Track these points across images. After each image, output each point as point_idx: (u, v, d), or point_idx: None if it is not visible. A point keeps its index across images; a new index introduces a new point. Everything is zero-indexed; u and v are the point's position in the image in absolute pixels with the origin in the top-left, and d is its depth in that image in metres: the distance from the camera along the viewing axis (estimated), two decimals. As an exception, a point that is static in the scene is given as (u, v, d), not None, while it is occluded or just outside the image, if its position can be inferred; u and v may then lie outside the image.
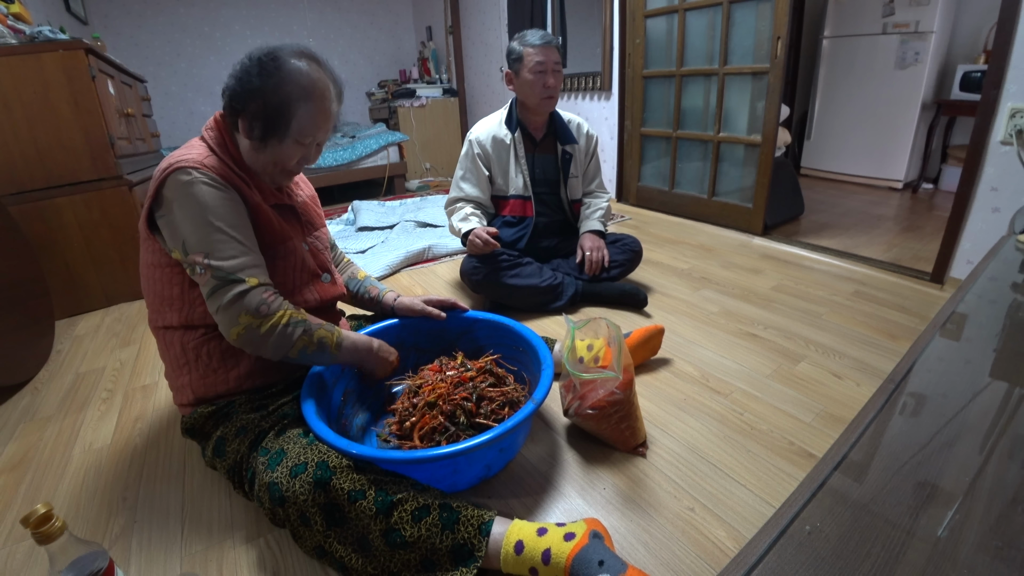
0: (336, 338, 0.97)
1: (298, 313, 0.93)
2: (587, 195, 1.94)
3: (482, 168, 1.78)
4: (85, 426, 1.27)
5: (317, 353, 0.95)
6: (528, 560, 0.76)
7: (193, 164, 0.88)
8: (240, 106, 0.91)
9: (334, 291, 1.13)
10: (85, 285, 1.93)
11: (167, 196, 0.88)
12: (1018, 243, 1.03)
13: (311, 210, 1.15)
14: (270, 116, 0.91)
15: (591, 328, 1.10)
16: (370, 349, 1.04)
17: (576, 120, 1.88)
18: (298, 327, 0.91)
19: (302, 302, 1.04)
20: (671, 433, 1.13)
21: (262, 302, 0.88)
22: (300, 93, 0.91)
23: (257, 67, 0.90)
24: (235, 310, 0.87)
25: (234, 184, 0.92)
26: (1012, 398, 0.59)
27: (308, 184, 1.21)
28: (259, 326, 0.88)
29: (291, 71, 0.90)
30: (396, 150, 3.85)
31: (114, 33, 4.23)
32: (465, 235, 1.66)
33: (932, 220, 2.69)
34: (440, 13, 4.85)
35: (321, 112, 0.94)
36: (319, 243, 1.13)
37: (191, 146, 0.94)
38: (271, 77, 0.89)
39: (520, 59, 1.68)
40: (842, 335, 1.52)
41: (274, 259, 0.99)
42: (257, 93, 0.89)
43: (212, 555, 0.89)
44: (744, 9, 2.35)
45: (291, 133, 0.93)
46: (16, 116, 1.71)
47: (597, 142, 1.93)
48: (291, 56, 0.91)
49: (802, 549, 0.40)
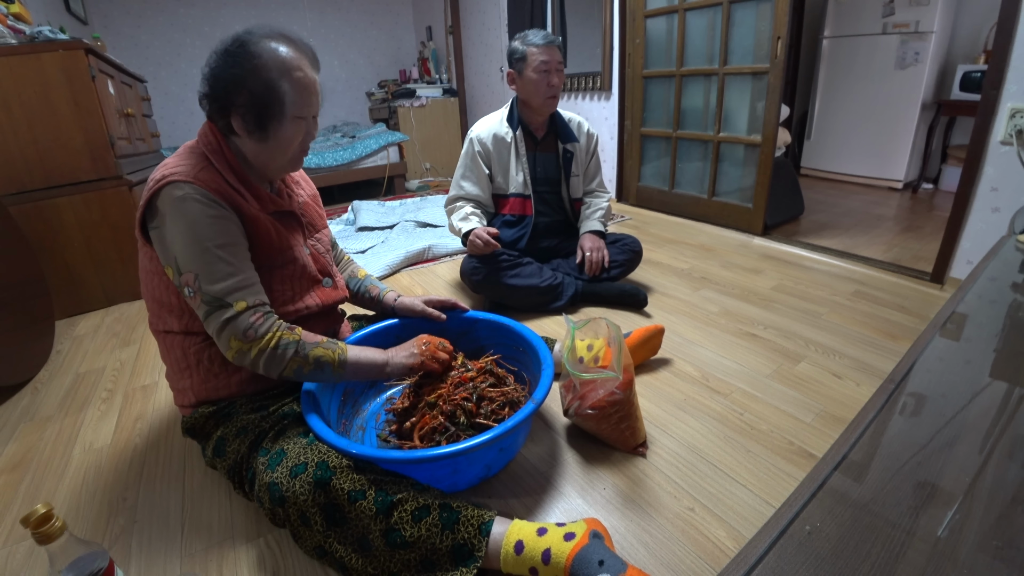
0: (338, 357, 0.93)
1: (291, 333, 0.90)
2: (587, 194, 1.93)
3: (482, 166, 1.78)
4: (85, 426, 1.27)
5: (316, 372, 0.92)
6: (528, 560, 0.76)
7: (186, 178, 0.86)
8: (227, 104, 0.88)
9: (335, 295, 1.12)
10: (85, 285, 1.93)
11: (160, 209, 0.86)
12: (1018, 243, 1.03)
13: (312, 211, 1.13)
14: (261, 102, 0.88)
15: (591, 328, 1.10)
16: (382, 369, 0.98)
17: (576, 119, 1.88)
18: (288, 348, 0.89)
19: (304, 308, 1.03)
20: (671, 433, 1.13)
21: (249, 326, 0.86)
22: (279, 69, 0.87)
23: (229, 59, 0.87)
24: (225, 335, 0.87)
25: (229, 198, 0.89)
26: (1012, 398, 0.59)
27: (309, 183, 1.19)
28: (249, 350, 0.87)
29: (262, 51, 0.87)
30: (396, 150, 3.85)
31: (114, 33, 4.23)
32: (465, 235, 1.66)
33: (932, 220, 2.69)
34: (440, 13, 4.85)
35: (305, 81, 0.91)
36: (320, 246, 1.12)
37: (185, 156, 0.91)
38: (245, 64, 0.86)
39: (524, 59, 1.68)
40: (842, 335, 1.52)
41: (273, 269, 0.97)
42: (239, 84, 0.86)
43: (212, 555, 0.89)
44: (744, 9, 2.34)
45: (287, 111, 0.90)
46: (16, 116, 1.71)
47: (597, 141, 1.93)
48: (256, 38, 0.88)
49: (802, 549, 0.40)
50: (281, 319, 0.93)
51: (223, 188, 0.89)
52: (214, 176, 0.89)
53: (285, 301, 0.99)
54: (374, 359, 0.98)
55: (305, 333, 0.93)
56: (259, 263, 0.94)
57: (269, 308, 0.91)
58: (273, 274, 0.98)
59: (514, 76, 1.73)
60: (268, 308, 0.91)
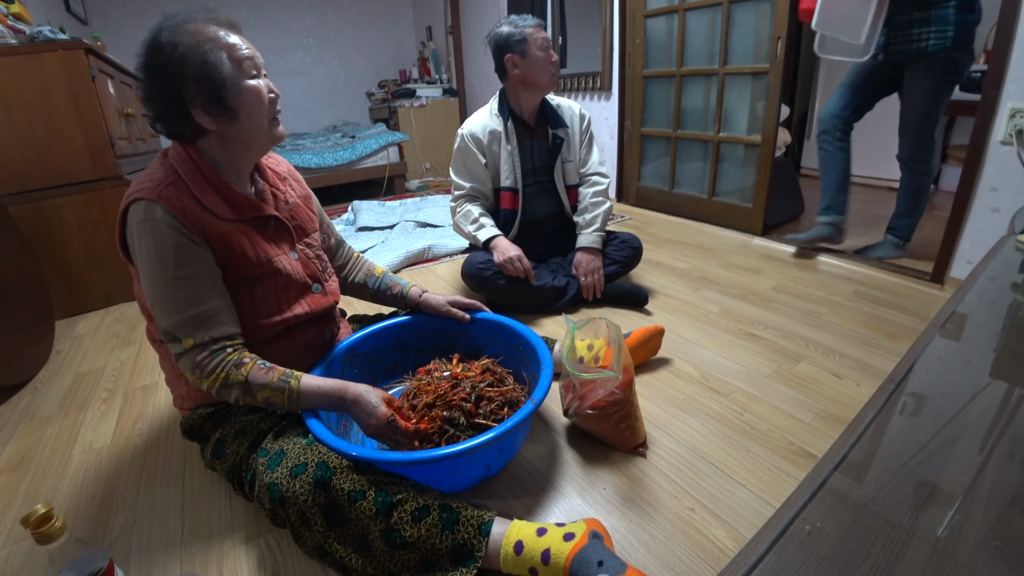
0: (289, 395, 0.87)
1: (237, 372, 0.85)
2: (585, 178, 1.88)
3: (478, 157, 1.76)
4: (85, 426, 1.27)
5: (268, 406, 0.89)
6: (528, 560, 0.76)
7: (150, 196, 0.83)
8: (179, 105, 0.84)
9: (326, 301, 1.07)
10: (85, 285, 1.93)
11: (130, 226, 0.85)
12: (1018, 243, 1.03)
13: (302, 213, 1.08)
14: (207, 83, 0.83)
15: (591, 328, 1.10)
16: (342, 399, 0.90)
17: (565, 103, 1.86)
18: (234, 389, 0.86)
19: (292, 318, 0.99)
20: (671, 433, 1.13)
21: (195, 365, 0.85)
22: (200, 44, 0.82)
23: (152, 59, 0.82)
24: (181, 365, 0.88)
25: (194, 217, 0.85)
26: (1012, 398, 0.59)
27: (302, 183, 1.14)
28: (200, 383, 0.87)
29: (179, 39, 0.82)
30: (396, 150, 3.85)
31: (114, 33, 4.23)
32: (486, 242, 1.67)
33: (932, 220, 2.69)
34: (440, 13, 4.85)
35: (228, 40, 0.85)
36: (310, 251, 1.06)
37: (155, 167, 0.88)
38: (169, 56, 0.81)
39: (525, 40, 1.66)
40: (842, 335, 1.52)
41: (253, 283, 0.93)
42: (177, 78, 0.82)
43: (212, 555, 0.89)
44: (744, 9, 2.34)
45: (235, 76, 0.85)
46: (16, 116, 1.71)
47: (590, 122, 1.90)
48: (161, 29, 0.83)
49: (802, 549, 0.40)
50: (239, 348, 0.89)
51: (188, 206, 0.85)
52: (180, 192, 0.86)
53: (270, 312, 0.96)
54: (334, 392, 0.90)
55: (255, 370, 0.87)
56: (235, 278, 0.91)
57: (219, 344, 0.87)
58: (254, 287, 0.94)
59: (515, 60, 1.67)
60: (218, 344, 0.87)
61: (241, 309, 0.93)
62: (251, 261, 0.92)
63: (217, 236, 0.88)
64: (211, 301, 0.87)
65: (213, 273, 0.88)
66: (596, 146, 1.92)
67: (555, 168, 1.82)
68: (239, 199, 0.92)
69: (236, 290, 0.92)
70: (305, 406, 0.90)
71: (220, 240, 0.88)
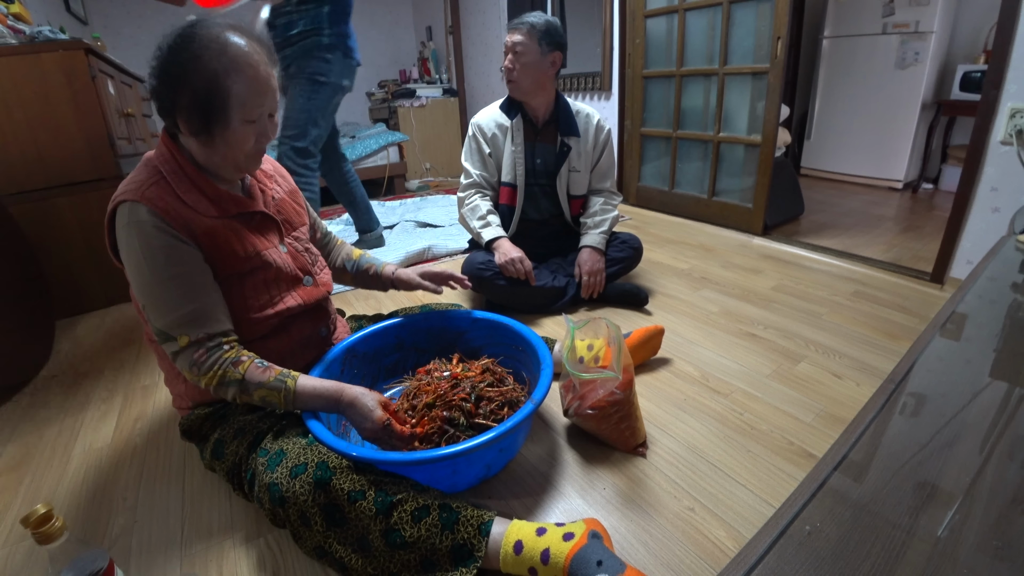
0: (286, 395, 0.87)
1: (235, 370, 0.85)
2: (595, 193, 1.86)
3: (484, 147, 1.77)
4: (85, 426, 1.27)
5: (265, 405, 0.90)
6: (527, 560, 0.76)
7: (134, 197, 0.82)
8: (170, 104, 0.82)
9: (317, 293, 1.06)
10: (85, 285, 1.93)
11: (118, 230, 0.86)
12: (1018, 243, 1.03)
13: (289, 207, 1.07)
14: (204, 103, 0.80)
15: (591, 328, 1.09)
16: (338, 401, 0.89)
17: (585, 111, 1.81)
18: (231, 387, 0.86)
19: (285, 311, 0.98)
20: (671, 433, 1.13)
21: (192, 363, 0.85)
22: (226, 66, 0.80)
23: (173, 54, 0.79)
24: (178, 364, 0.87)
25: (178, 215, 0.84)
26: (1012, 398, 0.59)
27: (287, 178, 1.12)
28: (198, 380, 0.87)
29: (208, 45, 0.79)
30: (396, 150, 3.85)
31: (114, 33, 4.23)
32: (489, 243, 1.67)
33: (932, 220, 2.69)
34: (440, 13, 4.85)
35: (256, 79, 0.83)
36: (298, 244, 1.06)
37: (140, 169, 0.87)
38: (190, 59, 0.79)
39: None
40: (842, 335, 1.52)
41: (243, 277, 0.93)
42: (182, 82, 0.79)
43: (212, 555, 0.89)
44: (744, 9, 2.34)
45: (234, 114, 0.82)
46: (16, 116, 1.71)
47: (609, 134, 1.85)
48: (202, 31, 0.80)
49: (802, 549, 0.40)
50: (236, 345, 0.89)
51: (172, 205, 0.84)
52: (163, 192, 0.85)
53: (263, 306, 0.96)
54: (330, 393, 0.90)
55: (252, 368, 0.87)
56: (225, 273, 0.91)
57: (215, 341, 0.86)
58: (244, 282, 0.93)
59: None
60: (214, 341, 0.86)
61: (233, 304, 0.92)
62: (239, 256, 0.92)
63: (203, 233, 0.87)
64: (203, 298, 0.87)
65: (203, 270, 0.88)
66: (613, 164, 1.89)
67: (559, 175, 1.80)
68: (222, 196, 0.91)
69: (227, 285, 0.92)
70: (301, 406, 0.89)
71: (207, 237, 0.88)
